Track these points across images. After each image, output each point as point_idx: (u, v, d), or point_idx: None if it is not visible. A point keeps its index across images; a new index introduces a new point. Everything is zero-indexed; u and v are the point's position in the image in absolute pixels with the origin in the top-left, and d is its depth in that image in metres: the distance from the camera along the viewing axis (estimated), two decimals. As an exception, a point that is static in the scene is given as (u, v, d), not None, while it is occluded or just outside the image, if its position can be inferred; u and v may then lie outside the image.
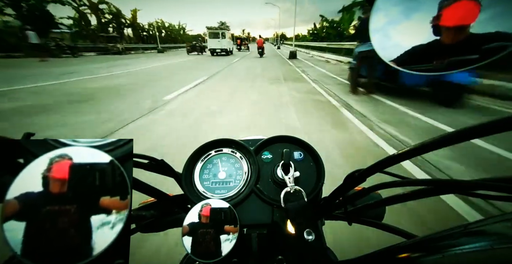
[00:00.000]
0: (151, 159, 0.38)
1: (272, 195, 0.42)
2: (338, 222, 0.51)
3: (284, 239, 0.39)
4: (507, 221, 0.19)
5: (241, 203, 0.42)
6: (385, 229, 0.39)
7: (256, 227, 0.40)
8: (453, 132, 0.18)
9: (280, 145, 0.50)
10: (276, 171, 0.43)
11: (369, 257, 0.29)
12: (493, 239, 0.18)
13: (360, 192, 0.34)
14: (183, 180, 0.44)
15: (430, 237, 0.23)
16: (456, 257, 0.18)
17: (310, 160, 0.47)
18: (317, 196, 0.43)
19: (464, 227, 0.21)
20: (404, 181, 0.27)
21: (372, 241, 1.27)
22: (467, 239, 0.20)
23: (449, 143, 0.19)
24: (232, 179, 0.45)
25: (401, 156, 0.24)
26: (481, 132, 0.17)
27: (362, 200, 0.42)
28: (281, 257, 0.37)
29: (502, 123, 0.15)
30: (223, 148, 0.48)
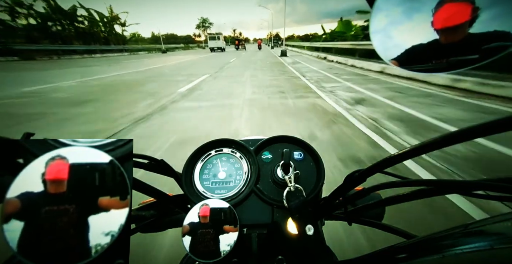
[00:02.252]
0: (151, 159, 0.38)
1: (272, 195, 0.42)
2: (338, 222, 0.51)
3: (284, 239, 0.39)
4: (507, 221, 0.19)
5: (241, 203, 0.42)
6: (385, 229, 0.39)
7: (256, 227, 0.40)
8: (454, 132, 0.18)
9: (280, 145, 0.50)
10: (276, 171, 0.43)
11: (369, 257, 0.29)
12: (493, 239, 0.18)
13: (360, 192, 0.34)
14: (183, 180, 0.44)
15: (430, 237, 0.23)
16: (456, 257, 0.18)
17: (310, 160, 0.47)
18: (317, 196, 0.43)
19: (464, 227, 0.21)
20: (404, 181, 0.27)
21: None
22: (467, 239, 0.20)
23: (450, 143, 0.19)
24: (232, 179, 0.45)
25: (401, 156, 0.24)
26: (482, 131, 0.17)
27: (362, 200, 0.42)
28: (281, 257, 0.37)
29: (503, 122, 0.15)
30: (223, 148, 0.48)
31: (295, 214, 0.33)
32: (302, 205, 0.33)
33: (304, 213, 0.33)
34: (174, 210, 0.50)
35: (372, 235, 1.29)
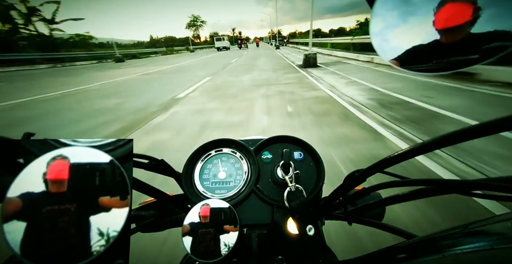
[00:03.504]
0: (151, 159, 0.38)
1: (272, 195, 0.42)
2: (338, 222, 0.51)
3: (284, 239, 0.39)
4: (507, 221, 0.19)
5: (241, 203, 0.42)
6: (385, 229, 0.39)
7: (256, 227, 0.40)
8: (454, 132, 0.18)
9: (280, 145, 0.50)
10: (276, 171, 0.43)
11: (369, 257, 0.29)
12: (493, 239, 0.18)
13: (360, 192, 0.34)
14: (183, 180, 0.44)
15: (430, 237, 0.23)
16: (456, 257, 0.18)
17: (310, 160, 0.47)
18: (317, 196, 0.43)
19: (464, 227, 0.21)
20: (404, 181, 0.27)
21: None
22: (467, 239, 0.20)
23: (450, 143, 0.19)
24: (232, 179, 0.45)
25: (401, 156, 0.24)
26: (482, 131, 0.17)
27: (362, 200, 0.42)
28: (281, 257, 0.37)
29: (503, 122, 0.15)
30: (223, 148, 0.48)
31: (296, 214, 0.33)
32: (303, 205, 0.33)
33: (305, 213, 0.33)
34: (174, 210, 0.50)
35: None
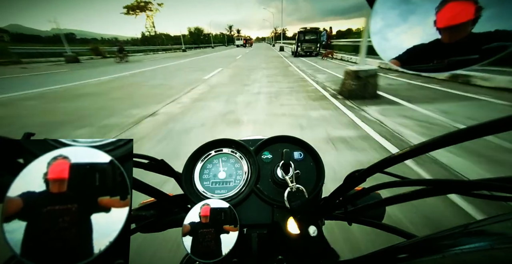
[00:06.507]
0: (151, 159, 0.38)
1: (272, 195, 0.42)
2: (338, 222, 0.51)
3: (284, 239, 0.39)
4: (507, 221, 0.19)
5: (241, 203, 0.42)
6: (385, 229, 0.39)
7: (256, 227, 0.40)
8: (454, 131, 0.18)
9: (280, 145, 0.50)
10: (276, 171, 0.43)
11: (369, 257, 0.29)
12: (493, 239, 0.18)
13: (360, 192, 0.33)
14: (183, 180, 0.44)
15: (430, 237, 0.23)
16: (456, 257, 0.18)
17: (310, 160, 0.47)
18: (317, 196, 0.43)
19: (464, 227, 0.21)
20: (404, 181, 0.27)
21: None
22: (467, 239, 0.20)
23: (450, 142, 0.19)
24: (232, 179, 0.45)
25: (401, 156, 0.24)
26: (483, 131, 0.17)
27: (362, 200, 0.42)
28: (281, 257, 0.37)
29: (504, 122, 0.15)
30: (223, 148, 0.48)
31: (298, 214, 0.33)
32: (304, 206, 0.33)
33: (306, 213, 0.33)
34: (174, 210, 0.50)
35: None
